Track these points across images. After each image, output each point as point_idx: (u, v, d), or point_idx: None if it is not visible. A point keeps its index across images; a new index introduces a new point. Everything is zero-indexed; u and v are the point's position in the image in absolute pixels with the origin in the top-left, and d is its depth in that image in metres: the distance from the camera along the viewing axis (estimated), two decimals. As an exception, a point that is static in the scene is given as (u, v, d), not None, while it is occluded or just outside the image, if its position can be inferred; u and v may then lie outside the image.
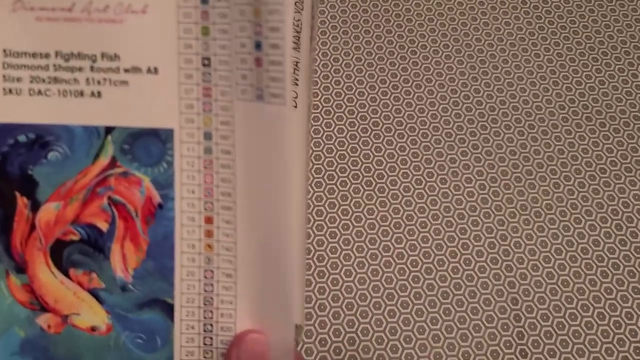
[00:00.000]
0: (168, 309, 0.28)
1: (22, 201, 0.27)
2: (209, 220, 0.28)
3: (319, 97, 0.61)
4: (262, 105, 0.26)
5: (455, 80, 0.63)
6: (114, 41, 0.27)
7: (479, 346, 0.51)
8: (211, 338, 0.28)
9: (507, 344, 0.51)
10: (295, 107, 0.26)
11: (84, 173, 0.27)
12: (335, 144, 0.59)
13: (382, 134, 0.60)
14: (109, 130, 0.27)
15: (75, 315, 0.28)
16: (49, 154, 0.27)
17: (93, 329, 0.28)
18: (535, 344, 0.51)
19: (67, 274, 0.28)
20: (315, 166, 0.58)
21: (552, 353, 0.51)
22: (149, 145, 0.27)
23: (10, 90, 0.26)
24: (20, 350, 0.28)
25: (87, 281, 0.28)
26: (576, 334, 0.51)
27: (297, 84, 0.26)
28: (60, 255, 0.27)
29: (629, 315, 0.52)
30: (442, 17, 0.67)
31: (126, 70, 0.27)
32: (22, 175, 0.27)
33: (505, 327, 0.52)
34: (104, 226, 0.27)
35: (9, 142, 0.27)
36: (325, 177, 0.58)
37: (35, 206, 0.27)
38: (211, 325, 0.28)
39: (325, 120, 0.60)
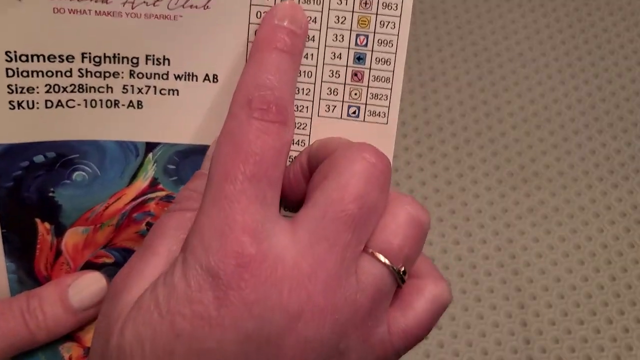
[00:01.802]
0: None
1: (43, 227, 0.23)
2: None
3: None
4: (356, 123, 0.22)
5: (458, 79, 0.62)
6: (164, 42, 0.21)
7: (484, 352, 0.50)
8: None
9: (513, 350, 0.50)
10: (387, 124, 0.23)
11: (117, 196, 0.23)
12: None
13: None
14: (150, 146, 0.23)
15: None
16: (74, 174, 0.23)
17: None
18: (542, 350, 0.50)
19: None
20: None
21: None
22: (199, 166, 0.23)
23: (19, 104, 0.21)
24: None
25: None
26: (583, 339, 0.51)
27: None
28: None
29: (637, 320, 0.52)
30: (445, 14, 0.67)
31: (177, 77, 0.22)
32: (41, 199, 0.22)
33: (511, 332, 0.51)
34: None
35: (21, 165, 0.22)
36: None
37: (59, 230, 0.23)
38: None
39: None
